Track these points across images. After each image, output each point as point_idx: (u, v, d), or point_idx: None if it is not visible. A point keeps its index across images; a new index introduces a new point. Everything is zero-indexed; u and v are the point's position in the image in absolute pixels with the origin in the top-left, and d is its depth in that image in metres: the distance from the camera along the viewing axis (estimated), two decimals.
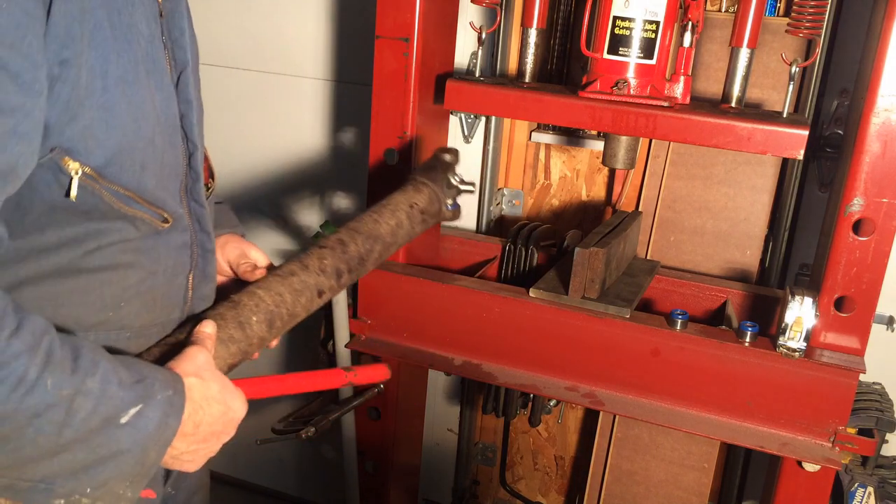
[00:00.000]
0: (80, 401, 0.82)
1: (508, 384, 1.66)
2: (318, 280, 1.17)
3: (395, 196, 1.37)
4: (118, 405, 0.85)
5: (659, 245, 2.06)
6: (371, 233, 1.27)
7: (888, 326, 1.92)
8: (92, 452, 0.85)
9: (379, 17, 1.66)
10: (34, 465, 0.82)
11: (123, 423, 0.86)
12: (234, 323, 1.07)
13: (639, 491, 2.15)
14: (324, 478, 2.74)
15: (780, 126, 1.44)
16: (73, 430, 0.82)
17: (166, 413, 0.90)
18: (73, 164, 0.89)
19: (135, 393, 0.87)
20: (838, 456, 1.45)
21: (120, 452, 0.86)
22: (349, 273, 1.22)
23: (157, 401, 0.89)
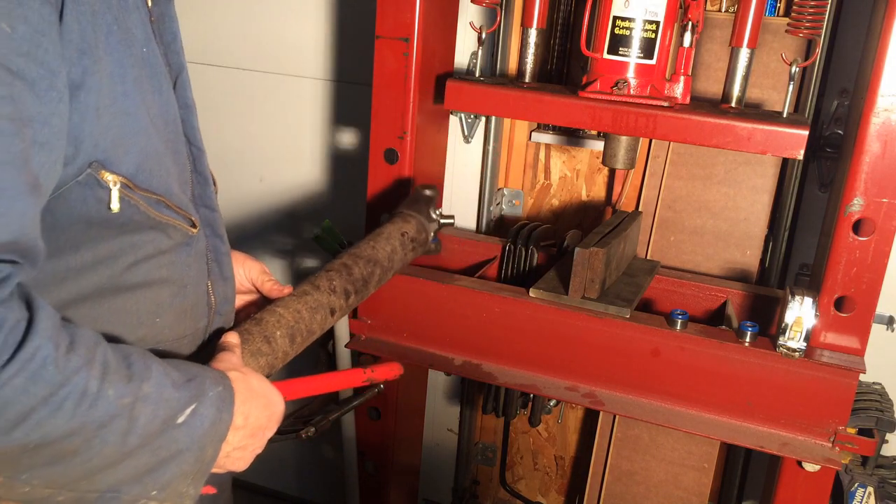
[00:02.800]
0: (139, 407, 0.83)
1: (508, 384, 1.66)
2: (329, 299, 1.25)
3: (386, 226, 1.49)
4: (175, 406, 0.87)
5: (659, 245, 2.06)
6: (371, 258, 1.38)
7: (888, 326, 1.92)
8: (154, 455, 0.85)
9: (379, 17, 1.66)
10: (102, 476, 0.83)
11: (180, 422, 0.87)
12: (260, 337, 1.13)
13: (639, 491, 2.15)
14: (324, 478, 2.74)
15: (780, 126, 1.44)
16: (136, 436, 0.83)
17: (219, 409, 0.91)
18: (109, 175, 0.88)
19: (188, 392, 0.88)
20: (838, 456, 1.45)
21: (180, 452, 0.87)
22: (356, 294, 1.32)
23: (210, 397, 0.90)
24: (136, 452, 0.84)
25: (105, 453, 0.81)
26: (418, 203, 1.58)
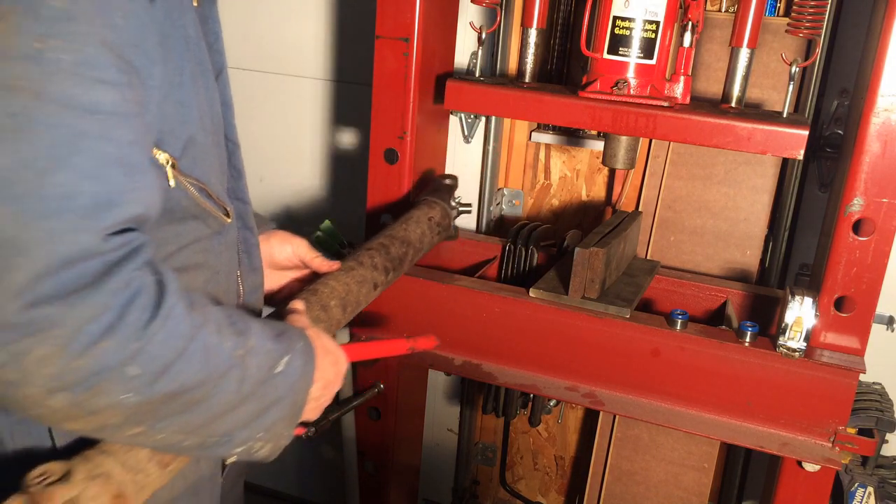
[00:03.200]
0: (249, 358, 0.92)
1: (508, 384, 1.66)
2: (373, 274, 1.37)
3: (413, 212, 1.60)
4: (274, 357, 0.97)
5: (659, 245, 2.06)
6: (404, 239, 1.50)
7: (888, 326, 1.92)
8: (260, 402, 0.95)
9: (379, 17, 1.66)
10: (220, 421, 0.91)
11: (278, 372, 0.97)
12: (317, 306, 1.26)
13: (639, 491, 2.15)
14: (324, 478, 2.74)
15: (780, 126, 1.44)
16: (248, 384, 0.92)
17: (305, 360, 1.02)
18: (161, 154, 0.91)
19: (282, 345, 0.99)
20: (838, 456, 1.45)
21: (279, 399, 0.98)
22: (393, 271, 1.44)
23: (297, 350, 1.01)
24: (247, 400, 0.93)
25: (224, 401, 0.90)
26: (440, 191, 1.69)
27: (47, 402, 0.77)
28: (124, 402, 0.80)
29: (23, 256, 0.73)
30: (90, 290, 0.75)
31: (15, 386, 0.75)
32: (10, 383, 0.75)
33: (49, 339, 0.74)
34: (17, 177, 0.73)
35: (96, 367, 0.77)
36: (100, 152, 0.78)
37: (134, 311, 0.78)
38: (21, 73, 0.74)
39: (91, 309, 0.75)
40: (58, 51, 0.75)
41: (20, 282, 0.73)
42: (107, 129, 0.78)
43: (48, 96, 0.75)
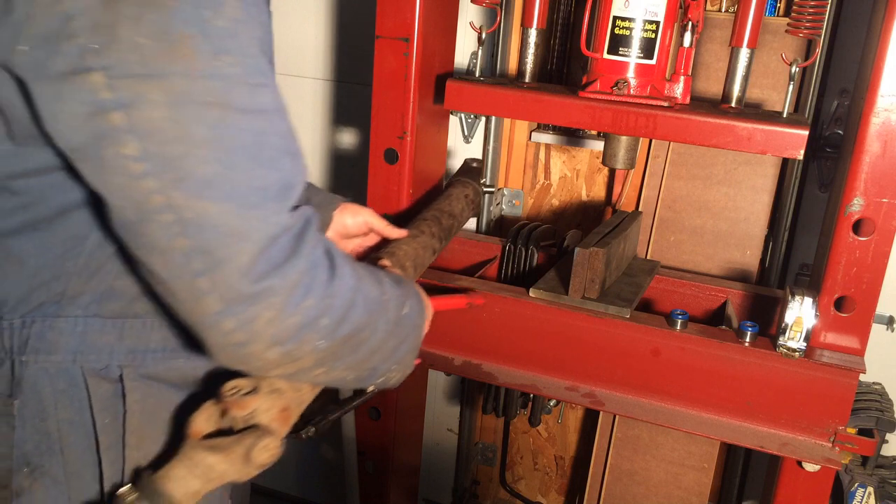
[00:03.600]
0: (389, 303, 1.10)
1: (508, 384, 1.66)
2: (431, 242, 1.55)
3: (450, 190, 1.75)
4: (401, 300, 1.14)
5: (659, 245, 2.06)
6: (450, 212, 1.67)
7: (888, 326, 1.92)
8: (396, 338, 1.13)
9: (379, 17, 1.65)
10: (373, 357, 1.09)
11: (405, 312, 1.15)
12: (398, 266, 1.44)
13: (639, 491, 2.15)
14: (324, 478, 2.74)
15: (780, 126, 1.44)
16: (391, 324, 1.10)
17: (419, 301, 1.21)
18: None
19: (403, 290, 1.16)
20: (838, 456, 1.45)
21: (407, 335, 1.16)
22: (445, 240, 1.61)
23: (413, 293, 1.20)
24: (390, 337, 1.11)
25: (378, 337, 1.08)
26: (471, 172, 1.85)
27: (265, 355, 0.94)
28: (318, 347, 0.98)
29: (245, 242, 0.88)
30: (292, 259, 0.91)
31: (242, 346, 0.92)
32: (239, 344, 0.92)
33: (272, 304, 0.90)
34: (227, 178, 0.87)
35: (304, 321, 0.94)
36: (274, 145, 0.91)
37: (320, 272, 0.95)
38: (209, 90, 0.86)
39: (296, 275, 0.91)
40: (231, 65, 0.87)
41: (246, 262, 0.88)
42: (274, 125, 0.92)
43: (233, 106, 0.87)
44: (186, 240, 0.87)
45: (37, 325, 1.00)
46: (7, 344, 1.00)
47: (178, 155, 0.85)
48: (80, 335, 1.02)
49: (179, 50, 0.84)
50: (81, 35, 0.82)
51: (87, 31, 0.82)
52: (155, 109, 0.84)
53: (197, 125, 0.85)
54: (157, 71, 0.83)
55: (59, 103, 0.85)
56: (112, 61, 0.82)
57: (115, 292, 1.01)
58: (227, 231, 0.87)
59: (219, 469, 1.02)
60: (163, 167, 0.85)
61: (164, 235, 0.87)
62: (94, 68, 0.82)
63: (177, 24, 0.83)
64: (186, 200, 0.86)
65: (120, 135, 0.84)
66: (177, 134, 0.85)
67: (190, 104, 0.85)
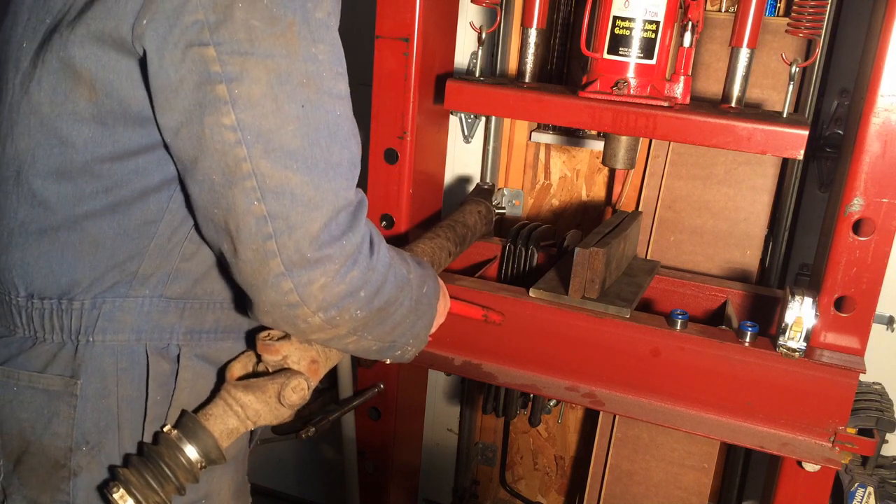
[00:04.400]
0: (413, 281, 1.18)
1: (508, 384, 1.66)
2: (447, 245, 1.63)
3: (464, 206, 1.83)
4: (422, 279, 1.22)
5: (659, 245, 2.06)
6: (465, 223, 1.75)
7: (888, 326, 1.92)
8: (416, 314, 1.21)
9: (379, 17, 1.66)
10: (396, 328, 1.18)
11: (425, 291, 1.23)
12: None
13: (639, 491, 2.15)
14: (324, 478, 2.74)
15: (780, 126, 1.44)
16: (413, 301, 1.19)
17: (436, 282, 1.28)
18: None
19: (423, 271, 1.24)
20: (838, 456, 1.45)
21: (425, 312, 1.24)
22: (460, 245, 1.70)
23: (431, 275, 1.27)
24: (411, 312, 1.19)
25: (402, 312, 1.17)
26: (483, 193, 1.95)
27: (310, 318, 1.02)
28: (355, 317, 1.07)
29: (318, 211, 0.97)
30: (348, 233, 1.01)
31: (294, 307, 1.01)
32: (291, 304, 1.00)
33: (328, 271, 1.00)
34: (311, 153, 0.97)
35: (348, 291, 1.03)
36: (346, 128, 1.02)
37: (365, 247, 1.04)
38: (306, 72, 0.95)
39: (350, 246, 1.01)
40: (324, 53, 0.97)
41: (315, 230, 0.97)
42: (346, 110, 1.03)
43: (323, 89, 0.97)
44: (264, 205, 0.95)
45: (107, 304, 1.06)
46: (75, 325, 1.05)
47: (270, 128, 0.94)
48: (146, 315, 1.08)
49: (285, 34, 0.93)
50: (201, 12, 0.91)
51: (206, 9, 0.91)
52: (256, 85, 0.93)
53: (291, 103, 0.94)
54: (263, 51, 0.93)
55: (174, 72, 0.93)
56: (225, 38, 0.92)
57: (181, 274, 1.08)
58: (304, 200, 0.96)
59: (254, 407, 1.10)
60: (255, 138, 0.94)
61: (244, 200, 0.95)
62: (208, 43, 0.92)
63: (286, 12, 0.93)
64: (272, 169, 0.95)
65: (221, 105, 0.93)
66: (272, 109, 0.94)
67: (288, 83, 0.94)
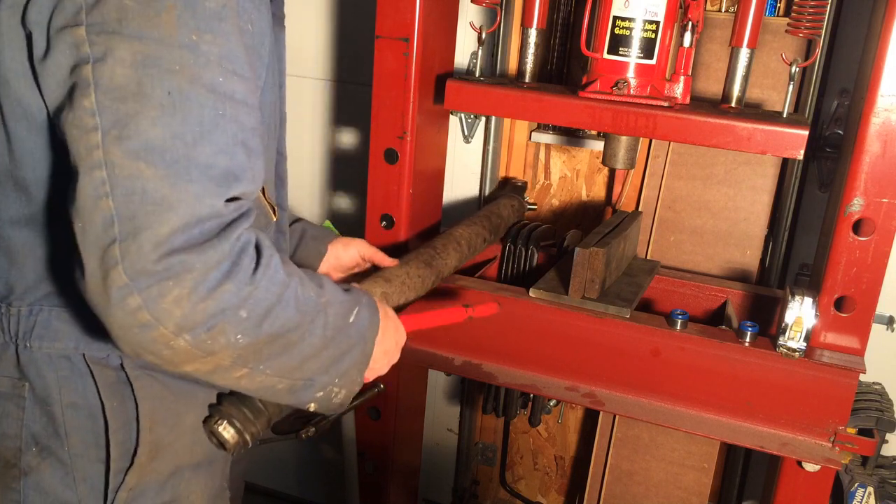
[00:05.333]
0: (329, 308, 1.03)
1: (508, 384, 1.66)
2: (483, 232, 1.75)
3: (499, 200, 1.96)
4: (347, 308, 1.08)
5: (659, 245, 2.06)
6: (500, 214, 1.88)
7: (888, 326, 1.92)
8: (338, 348, 1.06)
9: (379, 17, 1.65)
10: (307, 365, 1.02)
11: (351, 321, 1.08)
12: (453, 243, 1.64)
13: (639, 491, 2.15)
14: (324, 478, 2.74)
15: (780, 126, 1.44)
16: (330, 329, 1.03)
17: (372, 312, 1.13)
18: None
19: (351, 298, 1.10)
20: (838, 456, 1.45)
21: (353, 346, 1.08)
22: (494, 234, 1.82)
23: (364, 303, 1.12)
24: (329, 344, 1.04)
25: (312, 343, 1.01)
26: (515, 189, 2.05)
27: (173, 343, 0.88)
28: (236, 342, 0.92)
29: (171, 212, 0.85)
30: (214, 242, 0.87)
31: (147, 328, 0.86)
32: (144, 325, 0.86)
33: (183, 281, 0.85)
34: (171, 146, 0.86)
35: (217, 308, 0.88)
36: (232, 133, 0.90)
37: (245, 259, 0.90)
38: (179, 60, 0.87)
39: (216, 256, 0.87)
40: (209, 44, 0.89)
41: (163, 234, 0.85)
42: (238, 114, 0.91)
43: (199, 81, 0.88)
44: (111, 201, 0.85)
45: (43, 313, 1.04)
46: (13, 329, 1.04)
47: (129, 112, 0.85)
48: (83, 325, 1.04)
49: (161, 17, 0.86)
50: None
51: None
52: (119, 66, 0.86)
53: (156, 88, 0.86)
54: (132, 32, 0.86)
55: (51, 57, 0.89)
56: (97, 18, 0.86)
57: None
58: (156, 198, 0.85)
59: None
60: (112, 123, 0.85)
61: (92, 194, 0.85)
62: (81, 23, 0.87)
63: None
64: (123, 158, 0.85)
65: (85, 87, 0.86)
66: (134, 92, 0.86)
67: (154, 67, 0.86)
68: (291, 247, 1.53)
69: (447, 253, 1.60)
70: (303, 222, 1.57)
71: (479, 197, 2.25)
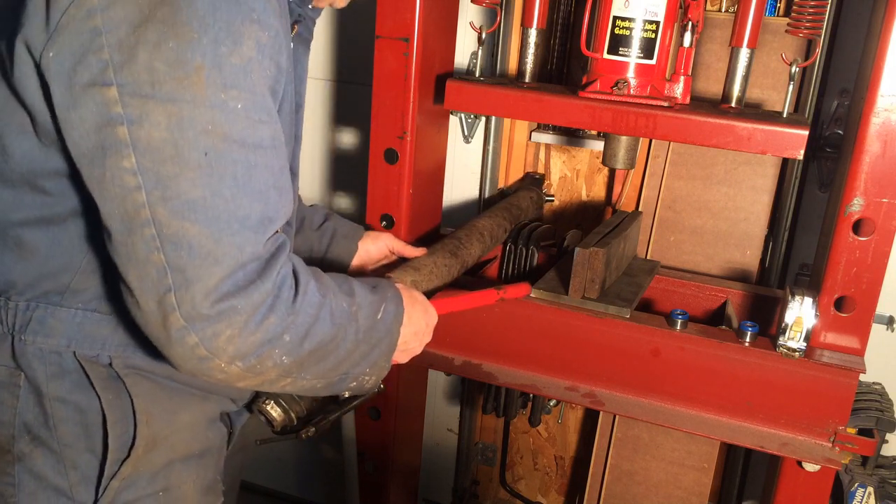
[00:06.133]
0: (360, 313, 1.14)
1: (508, 384, 1.66)
2: (504, 223, 1.82)
3: (519, 193, 2.02)
4: (375, 307, 1.17)
5: (659, 245, 2.06)
6: (519, 205, 1.93)
7: (888, 326, 1.92)
8: (368, 344, 1.16)
9: (379, 17, 1.65)
10: (342, 364, 1.13)
11: (379, 318, 1.18)
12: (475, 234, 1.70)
13: (639, 491, 2.15)
14: (324, 478, 2.74)
15: (780, 126, 1.44)
16: (361, 332, 1.14)
17: (397, 304, 1.22)
18: None
19: (377, 296, 1.19)
20: (838, 456, 1.45)
21: (381, 339, 1.19)
22: (513, 222, 1.87)
23: (390, 298, 1.21)
24: (360, 344, 1.14)
25: (346, 348, 1.12)
26: (533, 182, 2.12)
27: (227, 369, 0.99)
28: (281, 363, 1.03)
29: (217, 266, 0.93)
30: (257, 282, 0.96)
31: (205, 360, 0.97)
32: (201, 358, 0.97)
33: (233, 323, 0.95)
34: (212, 204, 0.92)
35: (265, 339, 0.98)
36: (264, 179, 0.96)
37: (285, 292, 1.00)
38: (211, 119, 0.91)
39: (260, 296, 0.96)
40: (236, 99, 0.92)
41: (212, 284, 0.93)
42: (267, 160, 0.97)
43: (231, 138, 0.92)
44: (163, 255, 0.92)
45: (40, 310, 1.08)
46: (11, 322, 1.08)
47: (170, 175, 0.91)
48: (77, 325, 1.08)
49: (191, 78, 0.89)
50: (106, 51, 0.89)
51: (112, 48, 0.89)
52: (156, 129, 0.90)
53: (192, 150, 0.91)
54: (165, 95, 0.89)
55: (76, 110, 0.92)
56: (127, 79, 0.89)
57: (116, 291, 1.04)
58: (202, 252, 0.92)
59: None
60: (154, 184, 0.91)
61: (143, 248, 0.93)
62: (111, 83, 0.89)
63: (194, 55, 0.89)
64: (169, 218, 0.91)
65: (122, 148, 0.91)
66: (172, 155, 0.90)
67: (190, 129, 0.90)
68: (323, 246, 1.60)
69: (471, 243, 1.67)
70: (332, 221, 1.64)
71: (479, 197, 2.25)
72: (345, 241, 1.62)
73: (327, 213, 1.66)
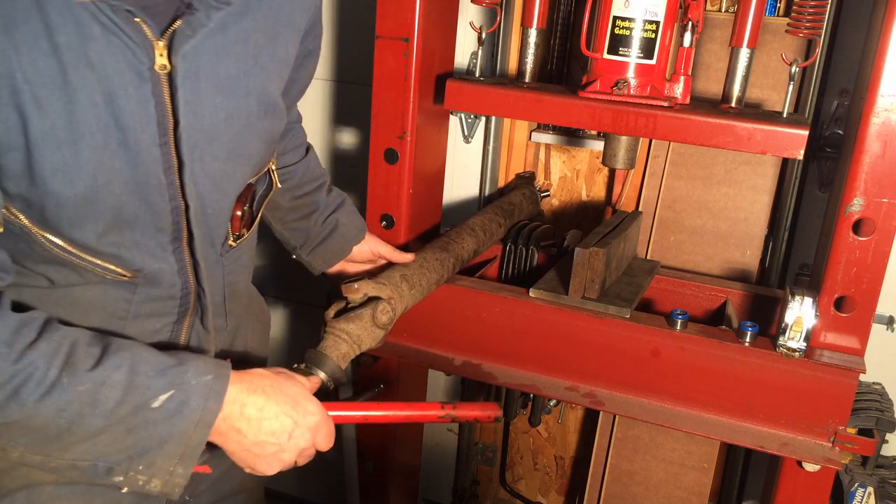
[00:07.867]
0: (105, 392, 0.92)
1: (508, 384, 1.66)
2: (497, 218, 1.83)
3: (513, 191, 2.06)
4: (147, 392, 0.95)
5: (659, 245, 2.06)
6: (510, 201, 1.96)
7: (888, 326, 1.92)
8: (133, 435, 0.95)
9: (379, 17, 1.65)
10: (80, 447, 0.94)
11: (156, 406, 0.95)
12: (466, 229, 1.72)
13: (639, 491, 2.15)
14: (324, 478, 2.74)
15: (780, 126, 1.44)
16: (104, 417, 0.93)
17: (204, 397, 0.97)
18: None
19: (166, 380, 0.96)
20: (838, 456, 1.45)
21: (159, 434, 0.95)
22: (509, 217, 1.89)
23: (193, 385, 0.97)
24: (108, 430, 0.94)
25: (73, 430, 0.92)
26: (525, 180, 2.15)
27: None
28: None
29: None
30: None
31: None
32: None
33: None
34: None
35: None
36: None
37: None
38: None
39: None
40: None
41: None
42: None
43: None
44: None
45: None
46: None
47: None
48: None
49: None
50: None
51: None
52: None
53: None
54: None
55: None
56: None
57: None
58: None
59: (356, 333, 1.29)
60: None
61: None
62: None
63: None
64: None
65: None
66: None
67: None
68: (320, 238, 1.55)
69: (461, 238, 1.67)
70: (339, 212, 1.58)
71: (479, 197, 2.25)
72: (340, 242, 1.59)
73: (339, 204, 1.58)
